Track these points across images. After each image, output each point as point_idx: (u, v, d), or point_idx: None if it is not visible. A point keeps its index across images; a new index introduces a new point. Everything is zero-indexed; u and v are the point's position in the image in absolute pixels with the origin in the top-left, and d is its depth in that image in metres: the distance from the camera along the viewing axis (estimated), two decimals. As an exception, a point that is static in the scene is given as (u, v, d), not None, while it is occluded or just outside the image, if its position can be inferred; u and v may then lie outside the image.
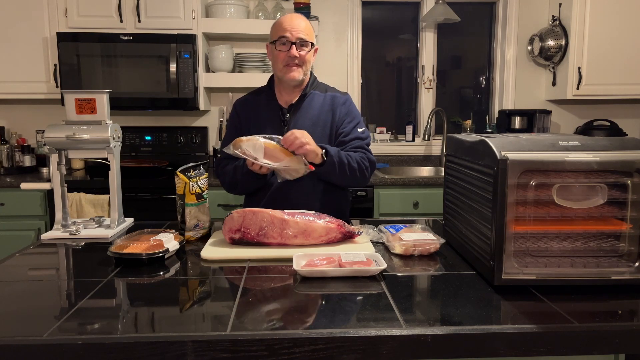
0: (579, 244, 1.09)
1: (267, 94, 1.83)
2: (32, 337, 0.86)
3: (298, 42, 1.69)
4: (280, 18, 1.75)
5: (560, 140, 1.09)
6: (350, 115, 1.81)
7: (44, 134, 1.55)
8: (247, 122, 1.80)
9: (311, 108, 1.78)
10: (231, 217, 1.40)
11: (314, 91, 1.81)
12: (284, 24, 1.71)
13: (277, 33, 1.71)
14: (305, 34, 1.70)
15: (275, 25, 1.75)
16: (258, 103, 1.83)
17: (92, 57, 2.82)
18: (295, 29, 1.68)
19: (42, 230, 2.67)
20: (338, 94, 1.84)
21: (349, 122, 1.79)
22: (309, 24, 1.74)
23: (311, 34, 1.73)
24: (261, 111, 1.81)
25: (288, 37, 1.68)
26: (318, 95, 1.81)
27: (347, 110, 1.80)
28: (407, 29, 3.51)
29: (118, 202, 1.61)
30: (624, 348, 0.93)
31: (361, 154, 1.74)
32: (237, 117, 1.84)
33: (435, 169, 3.33)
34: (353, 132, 1.78)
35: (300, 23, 1.70)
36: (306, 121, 1.75)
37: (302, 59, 1.71)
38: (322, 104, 1.79)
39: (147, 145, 3.22)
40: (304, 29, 1.70)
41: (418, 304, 1.02)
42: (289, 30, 1.68)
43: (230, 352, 0.85)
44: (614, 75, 3.05)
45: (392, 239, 1.36)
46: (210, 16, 3.04)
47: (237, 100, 1.89)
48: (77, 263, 1.32)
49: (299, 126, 1.72)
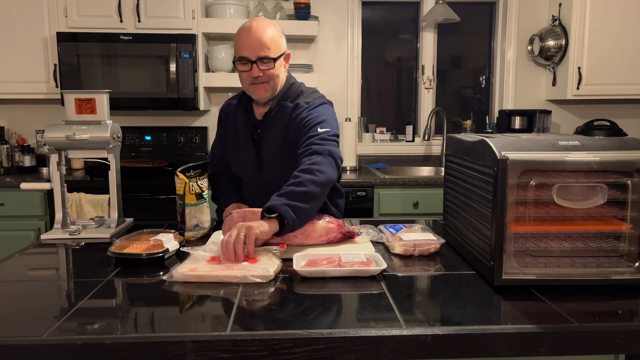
0: (579, 244, 1.09)
1: (245, 101, 1.69)
2: (32, 337, 0.86)
3: (259, 60, 1.51)
4: (240, 29, 1.55)
5: (560, 140, 1.09)
6: (307, 122, 1.55)
7: (44, 134, 1.55)
8: (225, 131, 1.75)
9: (279, 124, 1.61)
10: (231, 217, 1.40)
11: (285, 102, 1.62)
12: (241, 39, 1.53)
13: (237, 51, 1.54)
14: (267, 47, 1.51)
15: (235, 38, 1.56)
16: (236, 114, 1.71)
17: (92, 57, 2.82)
18: (253, 46, 1.50)
19: (42, 230, 2.68)
20: (302, 101, 1.61)
21: (306, 128, 1.53)
22: (274, 30, 1.54)
23: (275, 44, 1.53)
24: (237, 125, 1.70)
25: (247, 56, 1.51)
26: (287, 107, 1.61)
27: (302, 118, 1.56)
28: (407, 29, 3.51)
29: (118, 202, 1.61)
30: (624, 348, 0.93)
31: (308, 159, 1.43)
32: (220, 123, 1.78)
33: (435, 169, 3.33)
34: (310, 132, 1.51)
35: (260, 37, 1.50)
36: (276, 140, 1.61)
37: (268, 75, 1.54)
38: (287, 117, 1.60)
39: (147, 145, 3.22)
40: (265, 42, 1.50)
41: (418, 304, 1.02)
42: (247, 49, 1.51)
43: (230, 352, 0.85)
44: (614, 75, 3.05)
45: (392, 239, 1.36)
46: (210, 16, 3.04)
47: (225, 102, 1.79)
48: (77, 263, 1.32)
49: (270, 145, 1.60)
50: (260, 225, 1.26)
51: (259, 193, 1.63)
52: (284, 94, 1.63)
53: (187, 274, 1.12)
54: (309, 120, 1.54)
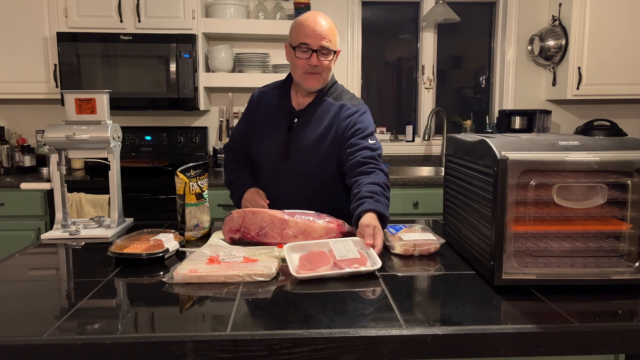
0: (579, 244, 1.09)
1: (283, 91, 1.73)
2: (32, 337, 0.86)
3: (320, 50, 1.57)
4: (302, 18, 1.60)
5: (560, 140, 1.09)
6: (358, 129, 1.63)
7: (44, 134, 1.55)
8: (255, 118, 1.74)
9: (321, 118, 1.66)
10: (231, 217, 1.40)
11: (328, 99, 1.68)
12: (305, 28, 1.57)
13: (298, 38, 1.58)
14: (329, 39, 1.58)
15: (296, 27, 1.61)
16: (272, 100, 1.74)
17: (92, 57, 2.82)
18: (318, 35, 1.56)
19: (42, 230, 2.67)
20: (349, 103, 1.68)
21: (357, 135, 1.62)
22: (333, 24, 1.61)
23: (335, 37, 1.61)
24: (272, 111, 1.72)
25: (310, 44, 1.56)
26: (330, 104, 1.67)
27: (353, 122, 1.64)
28: (407, 29, 3.51)
29: (118, 202, 1.61)
30: (624, 348, 0.93)
31: (377, 172, 1.55)
32: (249, 110, 1.78)
33: (435, 169, 3.33)
34: (362, 142, 1.61)
35: (323, 26, 1.57)
36: (313, 133, 1.64)
37: (323, 66, 1.60)
38: (332, 115, 1.65)
39: (147, 145, 3.22)
40: (327, 34, 1.57)
41: (418, 304, 1.02)
42: (311, 37, 1.56)
43: (230, 352, 0.85)
44: (614, 75, 3.05)
45: (392, 239, 1.36)
46: (210, 16, 3.04)
47: (256, 91, 1.80)
48: (77, 263, 1.32)
49: (305, 137, 1.65)
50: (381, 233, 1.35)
51: (276, 182, 1.69)
52: (327, 90, 1.69)
53: (188, 274, 1.12)
54: (362, 130, 1.63)
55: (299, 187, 1.67)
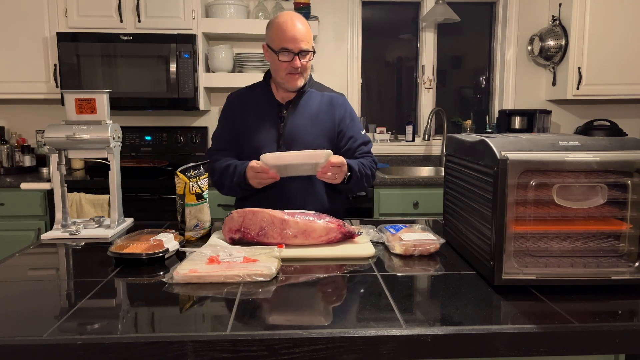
0: (579, 244, 1.09)
1: (263, 90, 1.83)
2: (32, 337, 0.86)
3: (300, 53, 1.67)
4: (279, 21, 1.68)
5: (560, 140, 1.09)
6: (351, 117, 1.83)
7: (44, 134, 1.55)
8: (242, 116, 1.80)
9: (309, 106, 1.78)
10: (231, 217, 1.40)
11: (311, 89, 1.81)
12: (286, 33, 1.65)
13: (279, 42, 1.66)
14: (307, 41, 1.68)
15: (275, 31, 1.68)
16: (253, 98, 1.83)
17: (92, 57, 2.82)
18: (297, 39, 1.65)
19: (42, 230, 2.68)
20: (335, 94, 1.85)
21: (352, 124, 1.82)
22: (308, 25, 1.71)
23: (311, 38, 1.71)
24: (257, 106, 1.80)
25: (291, 49, 1.66)
26: (315, 94, 1.81)
27: (345, 110, 1.82)
28: (407, 29, 3.51)
29: (118, 202, 1.61)
30: (624, 348, 0.93)
31: (370, 159, 1.81)
32: (231, 111, 1.83)
33: (435, 169, 3.33)
34: (360, 137, 1.82)
35: (301, 30, 1.66)
36: (304, 119, 1.75)
37: (304, 67, 1.71)
38: (319, 103, 1.79)
39: (147, 145, 3.22)
40: (305, 37, 1.67)
41: (418, 303, 1.02)
42: (292, 42, 1.65)
43: (230, 352, 0.85)
44: (614, 75, 3.05)
45: (392, 239, 1.36)
46: (210, 16, 3.04)
47: (232, 93, 1.88)
48: (77, 263, 1.32)
49: (297, 123, 1.74)
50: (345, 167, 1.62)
51: None
52: (309, 83, 1.82)
53: (188, 274, 1.12)
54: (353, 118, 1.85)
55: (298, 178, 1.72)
